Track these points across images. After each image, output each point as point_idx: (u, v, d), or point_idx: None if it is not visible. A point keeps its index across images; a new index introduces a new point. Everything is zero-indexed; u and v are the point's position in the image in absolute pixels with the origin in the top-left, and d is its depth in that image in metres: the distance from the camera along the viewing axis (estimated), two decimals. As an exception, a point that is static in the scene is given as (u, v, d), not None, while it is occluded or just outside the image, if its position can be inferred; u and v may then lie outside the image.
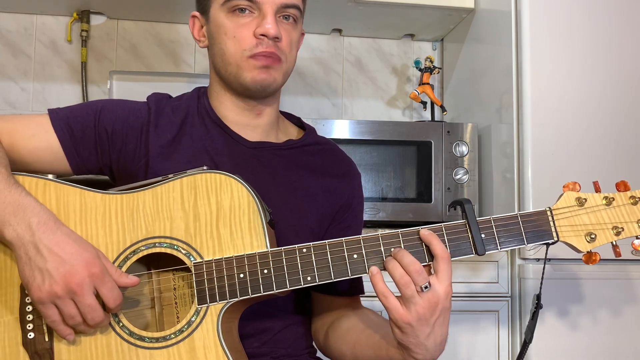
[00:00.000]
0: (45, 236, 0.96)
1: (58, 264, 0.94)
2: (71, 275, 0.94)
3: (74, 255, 0.95)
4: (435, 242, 0.99)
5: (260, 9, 1.14)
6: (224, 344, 1.00)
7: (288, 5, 1.16)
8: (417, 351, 0.99)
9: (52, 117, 1.17)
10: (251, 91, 1.18)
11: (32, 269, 0.95)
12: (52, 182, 1.06)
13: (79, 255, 0.96)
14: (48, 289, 0.94)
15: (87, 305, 0.95)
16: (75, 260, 0.95)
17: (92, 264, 0.96)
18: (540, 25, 1.80)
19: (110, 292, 0.97)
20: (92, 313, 0.96)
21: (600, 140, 1.78)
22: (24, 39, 2.25)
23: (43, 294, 0.95)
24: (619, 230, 1.03)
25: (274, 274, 1.01)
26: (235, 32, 1.15)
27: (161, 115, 1.21)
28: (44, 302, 0.95)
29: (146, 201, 1.05)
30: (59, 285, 0.94)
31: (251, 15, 1.15)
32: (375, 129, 1.94)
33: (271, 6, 1.14)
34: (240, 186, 1.04)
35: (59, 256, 0.95)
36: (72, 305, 0.95)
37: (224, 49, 1.17)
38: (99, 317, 0.97)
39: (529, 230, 1.03)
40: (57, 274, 0.94)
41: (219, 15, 1.17)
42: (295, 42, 1.21)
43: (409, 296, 0.96)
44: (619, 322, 1.74)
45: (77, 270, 0.95)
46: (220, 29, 1.17)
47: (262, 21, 1.13)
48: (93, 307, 0.96)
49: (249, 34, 1.14)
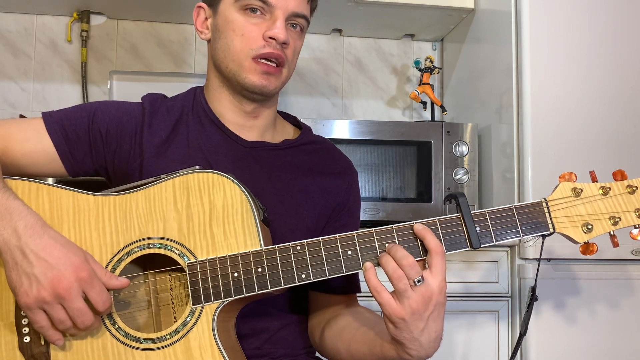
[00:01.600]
0: (31, 240, 0.95)
1: (45, 269, 0.93)
2: (59, 280, 0.93)
3: (62, 260, 0.94)
4: (428, 237, 0.99)
5: (272, 13, 1.15)
6: (219, 344, 1.00)
7: (299, 14, 1.17)
8: (411, 346, 0.99)
9: (46, 120, 1.17)
10: (248, 93, 1.18)
11: (19, 274, 0.94)
12: (44, 186, 1.05)
13: (67, 259, 0.95)
14: (36, 294, 0.93)
15: (76, 310, 0.95)
16: (63, 265, 0.94)
17: (79, 268, 0.95)
18: (540, 25, 1.80)
19: (98, 296, 0.96)
20: (82, 317, 0.95)
21: (600, 140, 1.78)
22: (24, 39, 2.26)
23: (30, 299, 0.94)
24: (616, 220, 1.02)
25: (268, 272, 1.01)
26: (244, 30, 1.15)
27: (155, 115, 1.21)
28: (32, 308, 0.94)
29: (139, 202, 1.05)
30: (47, 291, 0.93)
31: (262, 17, 1.15)
32: (375, 129, 1.94)
33: (283, 12, 1.15)
34: (233, 185, 1.04)
35: (46, 261, 0.94)
36: (61, 310, 0.95)
37: (230, 45, 1.16)
38: (89, 321, 0.96)
39: (524, 222, 1.03)
40: (44, 279, 0.93)
41: (230, 11, 1.17)
42: (298, 51, 1.22)
43: (402, 290, 0.95)
44: (619, 321, 1.74)
45: (65, 275, 0.94)
46: (229, 25, 1.17)
47: (273, 25, 1.14)
48: (82, 311, 0.95)
49: (258, 34, 1.14)
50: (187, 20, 2.31)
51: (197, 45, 2.35)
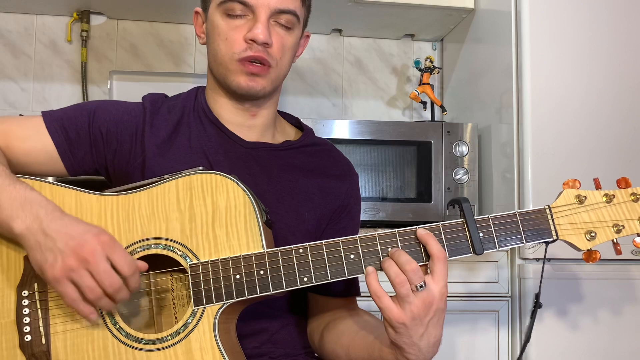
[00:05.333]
0: (53, 222, 0.96)
1: (67, 239, 0.95)
2: (81, 246, 0.94)
3: (82, 231, 0.96)
4: (431, 242, 0.99)
5: (254, 12, 1.14)
6: (220, 345, 1.00)
7: (283, 10, 1.15)
8: (410, 351, 0.99)
9: (46, 119, 1.17)
10: (238, 95, 1.19)
11: (43, 252, 0.95)
12: (47, 184, 1.06)
13: (87, 230, 0.96)
14: (61, 264, 0.94)
15: (103, 272, 0.94)
16: (85, 234, 0.95)
17: (100, 234, 0.96)
18: (540, 25, 1.80)
19: (122, 259, 0.96)
20: (110, 279, 0.95)
21: (600, 139, 1.78)
22: (24, 39, 2.26)
23: (57, 270, 0.94)
24: (620, 228, 1.02)
25: (271, 274, 1.01)
26: (228, 34, 1.15)
27: (157, 114, 1.21)
28: (60, 280, 0.95)
29: (142, 202, 1.05)
30: (71, 258, 0.94)
31: (245, 18, 1.15)
32: (375, 129, 1.94)
33: (264, 11, 1.14)
34: (236, 186, 1.04)
35: (67, 234, 0.95)
36: (88, 276, 0.94)
37: (217, 50, 1.17)
38: (117, 282, 0.95)
39: (527, 229, 1.03)
40: (67, 248, 0.94)
41: (215, 16, 1.17)
42: (289, 47, 1.19)
43: (404, 295, 0.96)
44: (619, 322, 1.74)
45: (87, 240, 0.95)
46: (215, 30, 1.17)
47: (253, 26, 1.13)
48: (109, 273, 0.95)
49: (240, 37, 1.14)
50: (187, 20, 2.31)
51: (197, 45, 2.35)
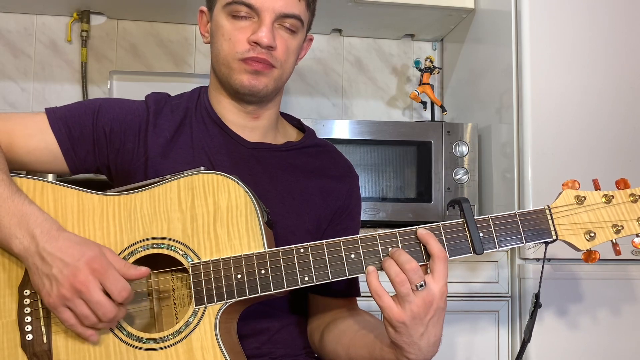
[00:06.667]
0: (48, 244, 0.97)
1: (62, 267, 0.96)
2: (74, 275, 0.95)
3: (76, 257, 0.97)
4: (432, 242, 0.99)
5: (259, 15, 1.14)
6: (221, 345, 1.00)
7: (288, 15, 1.16)
8: (410, 351, 0.99)
9: (49, 116, 1.16)
10: (240, 94, 1.19)
11: (41, 277, 0.97)
12: (49, 184, 1.06)
13: (81, 255, 0.97)
14: (56, 293, 0.96)
15: (96, 303, 0.96)
16: (78, 261, 0.96)
17: (93, 261, 0.97)
18: (540, 25, 1.80)
19: (114, 285, 0.97)
20: (102, 309, 0.96)
21: (600, 139, 1.78)
22: (24, 39, 2.25)
23: (53, 298, 0.96)
24: (619, 229, 1.03)
25: (272, 274, 1.01)
26: (231, 34, 1.16)
27: (160, 114, 1.21)
28: (57, 307, 0.97)
29: (143, 202, 1.05)
30: (65, 288, 0.95)
31: (250, 20, 1.15)
32: (375, 129, 1.94)
33: (269, 14, 1.14)
34: (238, 187, 1.04)
35: (61, 260, 0.96)
36: (83, 305, 0.96)
37: (219, 50, 1.18)
38: (110, 312, 0.97)
39: (527, 229, 1.03)
40: (61, 277, 0.96)
41: (220, 16, 1.18)
42: (293, 50, 1.20)
43: (404, 294, 0.96)
44: (619, 322, 1.74)
45: (80, 269, 0.96)
46: (219, 30, 1.18)
47: (258, 29, 1.14)
48: (101, 304, 0.96)
49: (244, 38, 1.15)
50: (187, 20, 2.31)
51: (197, 45, 2.35)
